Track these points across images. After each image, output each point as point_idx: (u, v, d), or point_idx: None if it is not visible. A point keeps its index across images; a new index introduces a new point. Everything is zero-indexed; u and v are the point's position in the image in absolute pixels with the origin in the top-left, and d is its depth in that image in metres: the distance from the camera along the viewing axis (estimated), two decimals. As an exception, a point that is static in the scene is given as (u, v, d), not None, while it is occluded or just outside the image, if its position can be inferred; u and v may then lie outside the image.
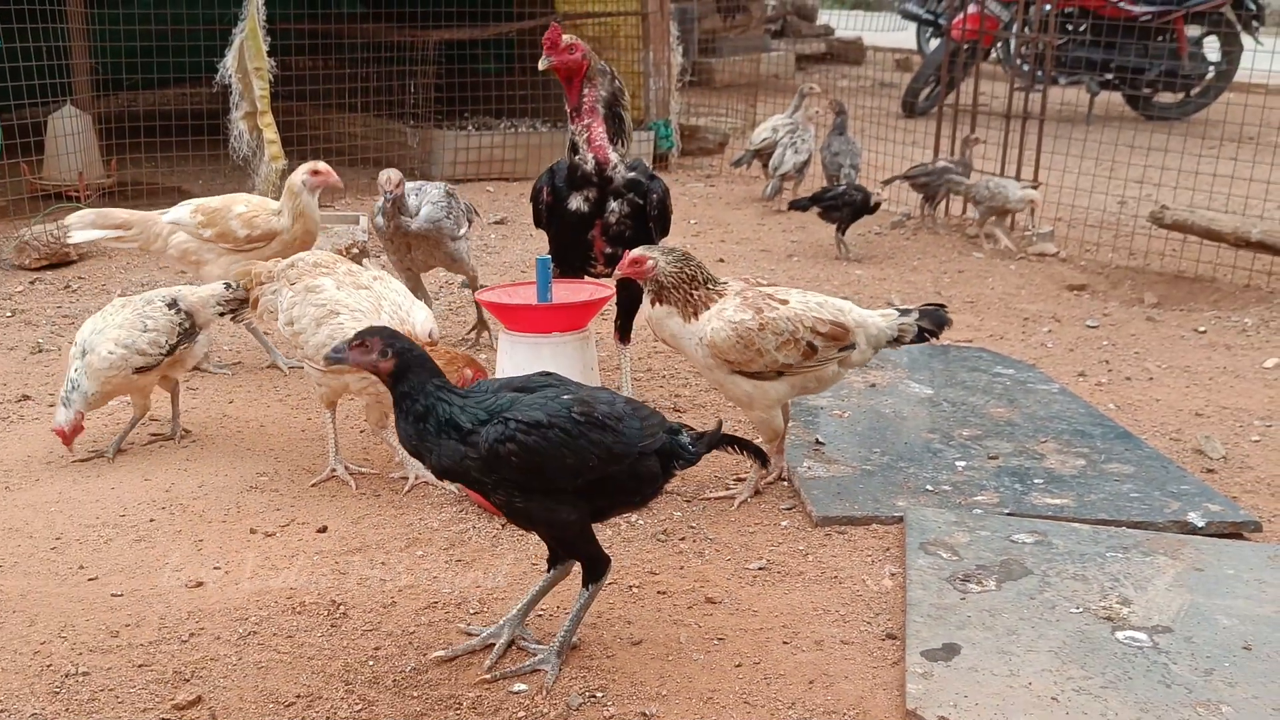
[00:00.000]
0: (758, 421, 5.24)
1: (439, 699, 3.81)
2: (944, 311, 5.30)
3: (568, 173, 5.84)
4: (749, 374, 5.06)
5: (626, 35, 13.54)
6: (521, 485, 3.75)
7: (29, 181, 10.19)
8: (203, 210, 6.73)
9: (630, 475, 3.88)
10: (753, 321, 4.97)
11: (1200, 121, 15.66)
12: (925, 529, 4.79)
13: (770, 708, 3.76)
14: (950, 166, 10.32)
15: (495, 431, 3.67)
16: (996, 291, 8.72)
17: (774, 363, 5.01)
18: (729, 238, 10.23)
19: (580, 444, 3.73)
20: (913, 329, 5.22)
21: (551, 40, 5.55)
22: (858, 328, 5.12)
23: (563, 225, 5.88)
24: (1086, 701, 3.67)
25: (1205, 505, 5.04)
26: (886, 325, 5.18)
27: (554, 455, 3.70)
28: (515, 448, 3.66)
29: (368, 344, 3.77)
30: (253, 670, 3.97)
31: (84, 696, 3.82)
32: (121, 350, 5.56)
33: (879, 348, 5.22)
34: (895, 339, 5.22)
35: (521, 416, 3.70)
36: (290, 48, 11.87)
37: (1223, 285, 8.98)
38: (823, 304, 5.13)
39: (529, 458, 3.67)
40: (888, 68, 21.61)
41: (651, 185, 5.84)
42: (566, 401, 3.78)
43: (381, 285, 5.27)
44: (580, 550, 3.96)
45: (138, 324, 5.64)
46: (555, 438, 3.70)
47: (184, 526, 5.00)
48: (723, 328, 4.98)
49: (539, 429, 3.68)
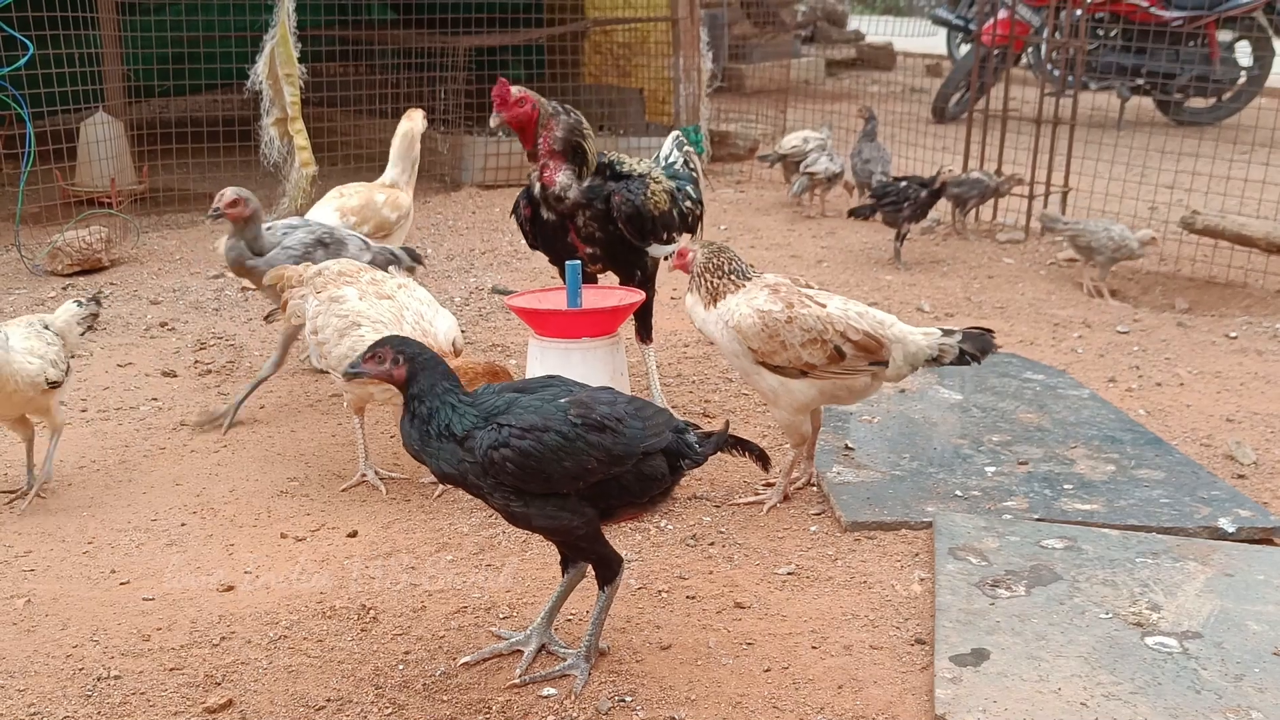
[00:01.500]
0: (784, 424, 5.23)
1: (469, 703, 3.82)
2: (990, 337, 5.18)
3: (530, 194, 5.97)
4: (773, 367, 5.05)
5: (656, 41, 13.58)
6: (519, 490, 3.73)
7: (61, 188, 10.24)
8: (351, 211, 6.94)
9: (635, 476, 3.85)
10: (781, 314, 4.97)
11: (1231, 126, 15.57)
12: (954, 534, 4.79)
13: (799, 712, 3.76)
14: (983, 179, 10.28)
15: (490, 437, 3.67)
16: (1027, 297, 8.70)
17: (797, 359, 5.00)
18: (759, 243, 10.23)
19: (578, 446, 3.70)
20: (954, 350, 5.11)
21: (501, 96, 5.61)
22: (895, 343, 5.06)
23: (544, 232, 5.99)
24: (1116, 707, 3.66)
25: (1236, 511, 5.02)
26: (927, 344, 5.11)
27: (550, 459, 3.68)
28: (510, 453, 3.65)
29: (380, 354, 3.82)
30: (283, 674, 3.99)
31: (116, 700, 3.84)
32: (38, 361, 5.15)
33: (917, 366, 5.14)
34: (934, 359, 5.14)
35: (515, 421, 3.68)
36: (321, 54, 11.95)
37: (1254, 291, 8.95)
38: (863, 314, 5.09)
39: (525, 462, 3.66)
40: (918, 73, 21.58)
41: (615, 191, 5.86)
42: (563, 405, 3.76)
43: (405, 294, 5.28)
44: (589, 552, 3.94)
45: (40, 339, 5.26)
46: (551, 441, 3.67)
47: (215, 531, 5.03)
48: (750, 314, 5.00)
49: (534, 433, 3.67)
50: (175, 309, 8.14)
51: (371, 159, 12.10)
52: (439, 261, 9.49)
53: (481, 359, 5.14)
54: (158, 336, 7.58)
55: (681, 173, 6.38)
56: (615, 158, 5.97)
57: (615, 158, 5.97)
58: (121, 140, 10.86)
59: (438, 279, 8.93)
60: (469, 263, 9.47)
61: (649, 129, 13.14)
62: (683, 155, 6.49)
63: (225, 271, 7.60)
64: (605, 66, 14.74)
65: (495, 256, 9.68)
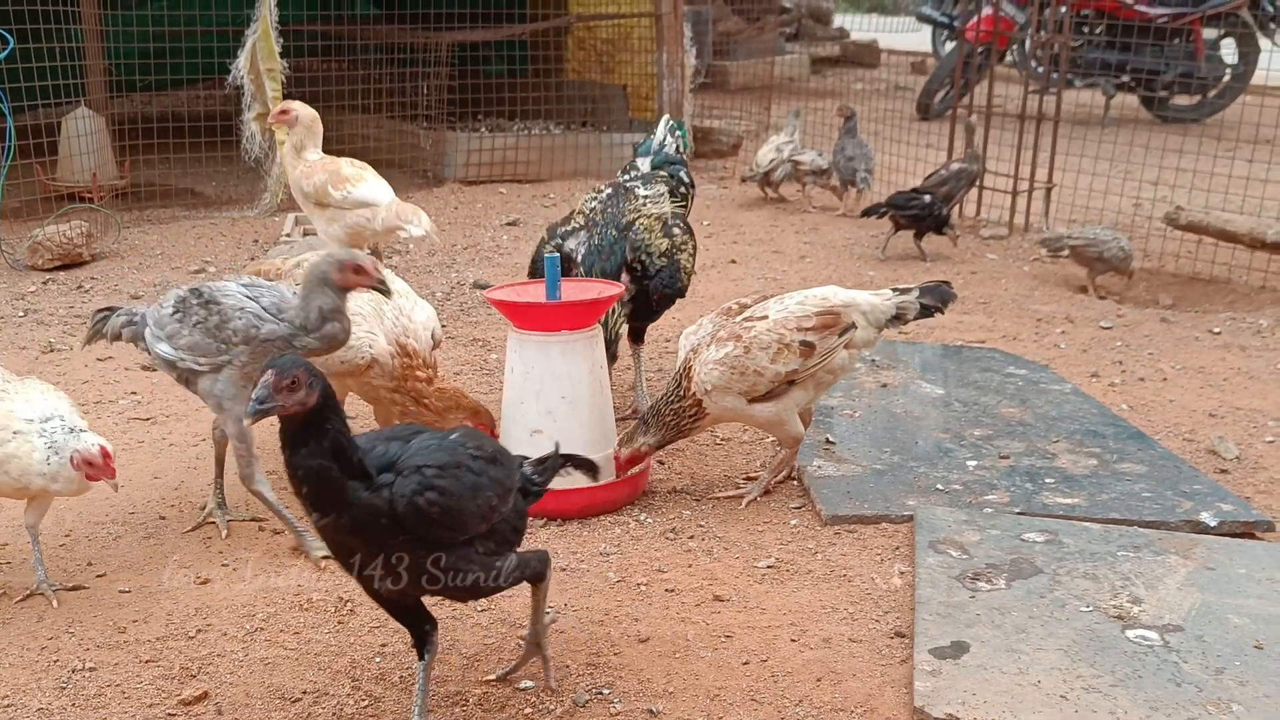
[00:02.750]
0: (782, 435, 5.23)
1: (445, 696, 3.80)
2: (947, 287, 5.26)
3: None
4: (760, 398, 5.05)
5: (640, 37, 13.57)
6: (435, 541, 3.38)
7: (42, 183, 10.19)
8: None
9: (515, 512, 3.62)
10: (736, 348, 4.97)
11: (1216, 123, 15.61)
12: (935, 528, 4.77)
13: (778, 705, 3.74)
14: (965, 168, 10.28)
15: (410, 484, 3.27)
16: (1010, 293, 8.69)
17: (777, 376, 4.99)
18: (741, 239, 10.22)
19: (483, 481, 3.43)
20: (914, 306, 5.17)
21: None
22: (847, 308, 5.09)
23: None
24: (1096, 700, 3.65)
25: (1218, 505, 5.01)
26: (881, 302, 5.15)
27: (468, 498, 3.37)
28: (436, 495, 3.28)
29: (295, 380, 3.13)
30: (259, 666, 3.97)
31: (90, 691, 3.82)
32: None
33: (881, 326, 5.19)
34: (896, 317, 5.18)
35: (429, 460, 3.34)
36: (304, 49, 11.89)
37: (1238, 286, 8.95)
38: (804, 300, 5.11)
39: (448, 504, 3.31)
40: (903, 70, 21.59)
41: (654, 290, 5.96)
42: (457, 440, 3.48)
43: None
44: (512, 578, 3.63)
45: None
46: (467, 479, 3.38)
47: (192, 524, 5.00)
48: (711, 368, 5.00)
49: (449, 470, 3.34)
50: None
51: (355, 155, 12.09)
52: (420, 257, 9.46)
53: (470, 399, 5.14)
54: (138, 331, 7.54)
55: (675, 157, 6.57)
56: (641, 243, 5.93)
57: (641, 243, 5.93)
58: (103, 135, 10.81)
59: (419, 274, 8.90)
60: (451, 258, 9.45)
61: (632, 125, 13.13)
62: (674, 140, 6.65)
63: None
64: (589, 62, 14.73)
65: (477, 252, 9.65)
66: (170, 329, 4.61)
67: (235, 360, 4.53)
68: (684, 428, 5.12)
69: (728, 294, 8.15)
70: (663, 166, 6.49)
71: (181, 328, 4.58)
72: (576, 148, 12.63)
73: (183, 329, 4.57)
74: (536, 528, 4.93)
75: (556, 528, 4.95)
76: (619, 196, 6.07)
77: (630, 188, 6.16)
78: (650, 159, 6.55)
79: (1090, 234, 8.87)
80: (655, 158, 6.54)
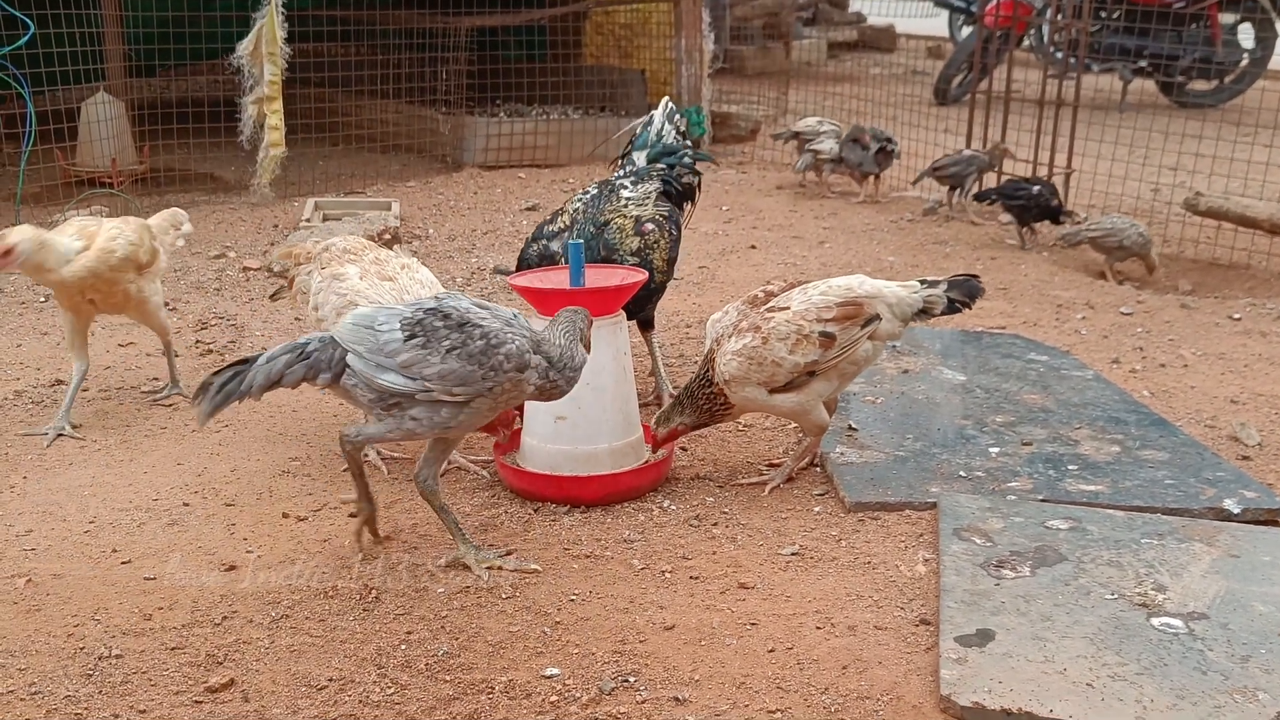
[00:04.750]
0: (806, 424, 5.23)
1: (471, 683, 3.80)
2: (976, 281, 5.24)
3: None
4: (781, 389, 5.04)
5: (658, 22, 13.58)
6: None
7: (62, 168, 10.20)
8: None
9: None
10: (754, 340, 4.97)
11: (1234, 108, 15.56)
12: (959, 515, 4.77)
13: (803, 693, 3.75)
14: (978, 155, 10.29)
15: None
16: (1030, 278, 8.68)
17: (796, 366, 4.98)
18: (760, 224, 10.21)
19: None
20: (941, 300, 5.16)
21: None
22: (872, 299, 5.08)
23: None
24: (1122, 688, 3.65)
25: (1241, 492, 5.01)
26: (908, 295, 5.13)
27: None
28: None
29: None
30: (285, 653, 3.97)
31: (117, 679, 3.83)
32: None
33: (906, 319, 5.16)
34: (923, 310, 5.17)
35: None
36: (323, 34, 11.90)
37: (1258, 272, 8.94)
38: (827, 290, 5.09)
39: None
40: (920, 55, 21.56)
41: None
42: None
43: (407, 276, 5.23)
44: None
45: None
46: None
47: (216, 510, 5.01)
48: (730, 359, 5.00)
49: None
50: (176, 289, 8.11)
51: (373, 139, 12.13)
52: (440, 242, 9.47)
53: None
54: (159, 316, 7.56)
55: (675, 146, 6.43)
56: (613, 243, 5.93)
57: (613, 243, 5.93)
58: (123, 120, 10.81)
59: (439, 259, 8.90)
60: (470, 243, 9.45)
61: (650, 110, 13.09)
62: (674, 126, 6.53)
63: None
64: (607, 47, 14.73)
65: (497, 237, 9.65)
66: (407, 357, 4.18)
67: (499, 388, 4.24)
68: (716, 413, 5.13)
69: (747, 279, 8.15)
70: (660, 159, 6.38)
71: (428, 354, 4.16)
72: (595, 133, 12.62)
73: (429, 355, 4.16)
74: (560, 514, 4.94)
75: (580, 515, 4.95)
76: (602, 197, 6.03)
77: (617, 187, 6.11)
78: (646, 153, 6.42)
79: (1108, 224, 8.86)
80: (652, 150, 6.41)
